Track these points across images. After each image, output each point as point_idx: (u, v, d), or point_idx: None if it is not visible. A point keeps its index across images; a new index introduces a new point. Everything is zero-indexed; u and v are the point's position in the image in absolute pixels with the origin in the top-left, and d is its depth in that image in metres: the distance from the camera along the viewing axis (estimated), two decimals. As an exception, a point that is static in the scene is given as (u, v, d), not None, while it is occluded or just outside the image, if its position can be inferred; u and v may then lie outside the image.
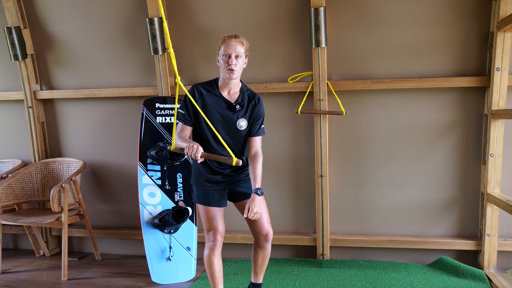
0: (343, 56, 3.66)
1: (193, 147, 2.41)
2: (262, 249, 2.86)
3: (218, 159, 2.55)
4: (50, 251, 4.36)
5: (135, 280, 3.66)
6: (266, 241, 2.82)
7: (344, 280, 3.46)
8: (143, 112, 3.74)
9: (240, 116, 2.68)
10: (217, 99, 2.67)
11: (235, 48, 2.58)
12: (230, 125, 2.67)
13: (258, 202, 2.58)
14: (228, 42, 2.59)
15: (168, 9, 3.82)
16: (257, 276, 2.99)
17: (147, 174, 3.69)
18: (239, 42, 2.61)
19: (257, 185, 2.63)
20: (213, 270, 2.78)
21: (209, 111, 2.64)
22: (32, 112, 4.22)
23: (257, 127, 2.73)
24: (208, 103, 2.65)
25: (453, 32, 3.48)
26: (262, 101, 2.76)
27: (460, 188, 3.65)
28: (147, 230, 3.64)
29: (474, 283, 3.32)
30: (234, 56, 2.57)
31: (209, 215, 2.75)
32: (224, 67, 2.60)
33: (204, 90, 2.67)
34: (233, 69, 2.58)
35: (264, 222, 2.77)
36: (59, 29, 4.11)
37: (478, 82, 3.42)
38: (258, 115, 2.73)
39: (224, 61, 2.59)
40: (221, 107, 2.66)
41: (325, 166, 3.71)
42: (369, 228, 3.83)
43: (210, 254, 2.76)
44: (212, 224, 2.74)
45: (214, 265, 2.77)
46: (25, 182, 4.07)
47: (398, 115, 3.66)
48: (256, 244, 2.87)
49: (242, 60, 2.63)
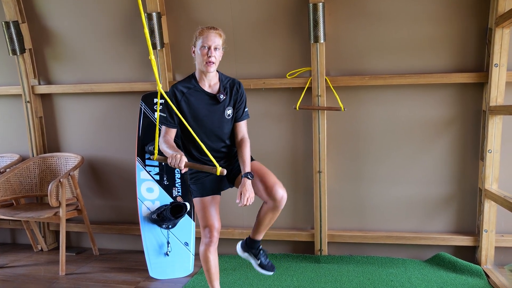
0: (342, 51, 3.66)
1: (176, 157, 2.35)
2: (275, 211, 2.65)
3: (202, 169, 2.48)
4: (48, 246, 4.36)
5: (133, 275, 3.66)
6: (281, 203, 2.60)
7: (342, 275, 3.47)
8: (141, 107, 3.74)
9: (226, 105, 2.66)
10: (199, 94, 2.63)
11: (214, 39, 2.54)
12: (218, 116, 2.65)
13: (249, 186, 2.55)
14: (207, 34, 2.55)
15: (166, 4, 3.81)
16: (259, 234, 2.82)
17: (145, 169, 3.69)
18: (217, 34, 2.57)
19: (246, 169, 2.61)
20: (209, 266, 2.77)
21: (195, 108, 2.61)
22: (30, 107, 4.21)
23: (241, 111, 2.72)
24: (192, 100, 2.61)
25: (451, 28, 3.48)
26: (242, 85, 2.73)
27: (458, 184, 3.65)
28: (145, 225, 3.64)
29: (471, 279, 3.33)
30: (213, 48, 2.54)
31: (205, 211, 2.71)
32: (202, 60, 2.55)
33: (184, 89, 2.62)
34: (213, 61, 2.55)
35: (272, 184, 2.59)
36: (58, 24, 4.09)
37: (476, 78, 3.42)
38: (241, 100, 2.71)
39: (202, 53, 2.55)
40: (206, 101, 2.63)
41: (323, 162, 3.71)
42: (367, 224, 3.84)
43: (206, 250, 2.74)
44: (208, 221, 2.71)
45: (210, 261, 2.76)
46: (23, 177, 4.07)
47: (396, 111, 3.66)
48: (269, 206, 2.64)
49: (220, 52, 2.61)
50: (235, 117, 2.72)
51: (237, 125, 2.73)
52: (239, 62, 3.80)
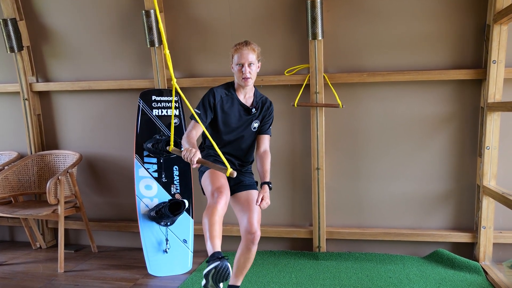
0: (340, 48, 3.66)
1: (191, 151, 2.38)
2: (247, 250, 2.71)
3: (213, 167, 2.49)
4: (47, 243, 4.37)
5: (131, 273, 3.66)
6: (253, 242, 2.65)
7: (340, 272, 3.47)
8: (139, 104, 3.73)
9: (254, 118, 2.80)
10: (234, 102, 2.76)
11: (247, 57, 2.64)
12: (245, 126, 2.78)
13: (268, 193, 2.65)
14: (241, 52, 2.65)
15: (165, 2, 3.80)
16: (237, 278, 2.81)
17: (144, 166, 3.69)
18: (251, 50, 2.66)
19: (266, 179, 2.73)
20: (213, 221, 2.35)
21: (228, 114, 2.74)
22: (28, 104, 4.21)
23: (267, 126, 2.87)
24: (227, 106, 2.74)
25: (449, 24, 3.48)
26: (273, 105, 2.89)
27: (456, 180, 3.66)
28: (143, 222, 3.64)
29: (469, 275, 3.34)
30: (247, 65, 2.64)
31: (214, 177, 2.58)
32: (239, 76, 2.67)
33: (223, 94, 2.75)
34: (247, 77, 2.66)
35: (254, 220, 2.68)
36: (55, 21, 4.09)
37: (474, 75, 3.42)
38: (269, 117, 2.86)
39: (238, 70, 2.66)
40: (238, 110, 2.76)
41: (322, 159, 3.71)
42: (365, 221, 3.84)
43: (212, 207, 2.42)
44: (217, 183, 2.54)
45: (214, 215, 2.38)
46: (21, 174, 4.06)
47: (394, 107, 3.67)
48: (242, 245, 2.71)
49: (256, 66, 2.71)
50: (260, 129, 2.85)
51: (260, 137, 2.86)
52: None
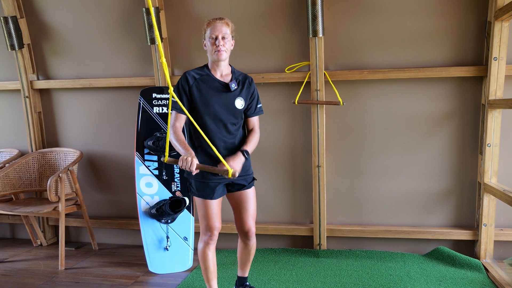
0: (340, 46, 3.65)
1: (187, 161, 2.36)
2: (245, 246, 2.85)
3: (213, 171, 2.44)
4: (47, 241, 4.37)
5: (132, 270, 3.66)
6: (248, 238, 2.79)
7: (341, 270, 3.47)
8: (140, 102, 3.73)
9: (236, 95, 2.67)
10: (211, 81, 2.65)
11: (220, 29, 2.59)
12: (229, 105, 2.65)
13: (238, 159, 2.58)
14: (214, 24, 2.60)
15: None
16: (243, 270, 3.00)
17: (144, 164, 3.69)
18: (224, 23, 2.62)
19: (245, 147, 2.65)
20: (207, 265, 2.76)
21: (206, 94, 2.62)
22: (29, 102, 4.21)
23: (254, 107, 2.76)
24: (203, 86, 2.63)
25: (450, 21, 3.47)
26: (253, 81, 2.78)
27: (457, 178, 3.65)
28: (144, 220, 3.64)
29: (470, 273, 3.33)
30: (220, 37, 2.58)
31: (207, 211, 2.67)
32: (211, 49, 2.60)
33: (197, 75, 2.66)
34: (221, 49, 2.58)
35: (248, 218, 2.74)
36: (56, 19, 4.09)
37: (475, 72, 3.41)
38: (253, 96, 2.75)
39: (211, 43, 2.60)
40: (217, 88, 2.64)
41: (322, 156, 3.70)
42: (365, 218, 3.84)
43: (205, 248, 2.73)
44: (209, 221, 2.68)
45: (208, 259, 2.75)
46: (22, 172, 4.07)
47: (395, 105, 3.66)
48: (240, 241, 2.86)
49: (229, 41, 2.64)
50: (248, 112, 2.75)
51: (249, 120, 2.77)
52: (238, 57, 3.76)
